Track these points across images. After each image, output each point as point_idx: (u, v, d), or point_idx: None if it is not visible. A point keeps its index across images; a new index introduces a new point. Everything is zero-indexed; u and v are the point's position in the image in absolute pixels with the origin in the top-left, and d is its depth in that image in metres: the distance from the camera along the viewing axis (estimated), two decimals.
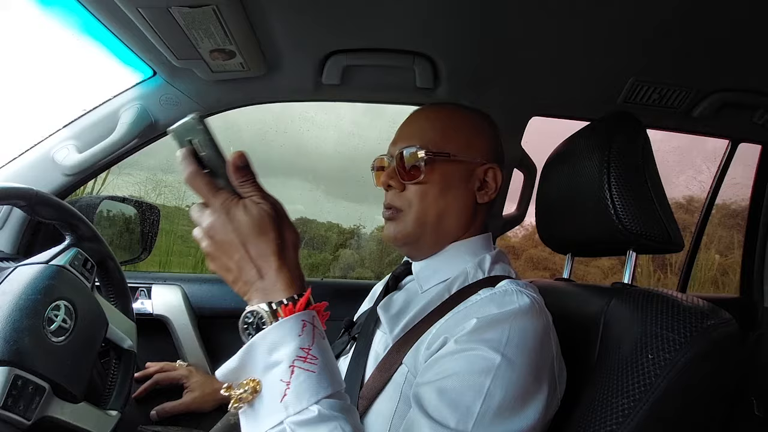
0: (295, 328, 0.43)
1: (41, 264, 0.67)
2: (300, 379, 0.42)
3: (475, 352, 0.51)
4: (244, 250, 0.45)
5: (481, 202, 0.70)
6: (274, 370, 0.42)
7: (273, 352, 0.43)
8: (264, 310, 0.44)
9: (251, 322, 0.45)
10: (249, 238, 0.45)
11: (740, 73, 0.98)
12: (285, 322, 0.43)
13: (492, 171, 0.69)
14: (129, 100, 1.00)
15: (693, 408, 0.54)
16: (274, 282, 0.45)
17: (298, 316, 0.44)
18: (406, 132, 0.71)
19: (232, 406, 0.43)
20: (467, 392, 0.48)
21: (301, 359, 0.42)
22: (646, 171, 0.67)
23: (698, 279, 2.86)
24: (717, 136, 1.31)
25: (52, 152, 0.97)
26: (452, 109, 0.73)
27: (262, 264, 0.45)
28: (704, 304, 0.56)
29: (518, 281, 0.61)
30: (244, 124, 2.12)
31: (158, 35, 0.77)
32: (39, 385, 0.57)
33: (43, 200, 0.70)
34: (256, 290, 0.46)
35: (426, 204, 0.67)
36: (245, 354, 0.43)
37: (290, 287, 0.45)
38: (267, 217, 0.46)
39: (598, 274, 3.16)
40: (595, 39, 0.88)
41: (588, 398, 0.57)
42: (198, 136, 0.47)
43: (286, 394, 0.41)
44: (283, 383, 0.42)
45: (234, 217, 0.45)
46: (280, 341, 0.43)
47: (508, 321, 0.53)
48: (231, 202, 0.46)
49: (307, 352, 0.43)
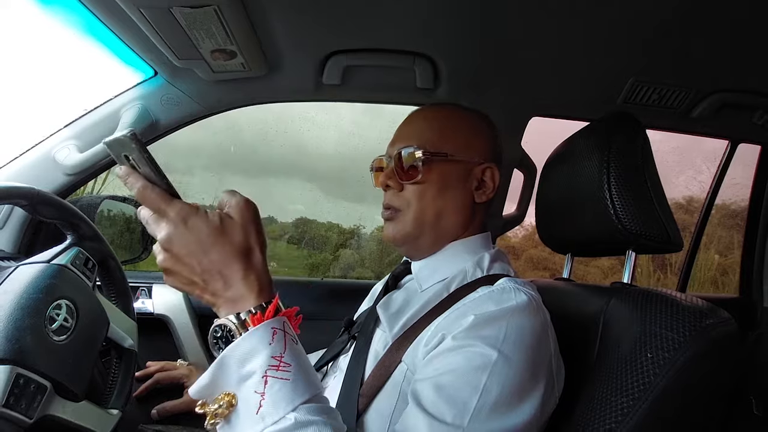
0: (265, 336, 0.42)
1: (43, 263, 0.67)
2: (275, 388, 0.41)
3: (472, 349, 0.51)
4: (207, 260, 0.43)
5: (479, 201, 0.70)
6: (248, 382, 0.42)
7: (245, 364, 0.42)
8: (232, 321, 0.43)
9: (220, 336, 0.44)
10: (210, 247, 0.43)
11: (740, 74, 0.98)
12: (254, 332, 0.42)
13: (490, 170, 0.70)
14: (130, 99, 1.00)
15: (692, 407, 0.54)
16: (241, 290, 0.44)
17: (268, 324, 0.43)
18: (404, 132, 0.72)
19: (208, 423, 0.42)
20: (464, 388, 0.49)
21: (274, 368, 0.42)
22: (645, 171, 0.67)
23: (698, 279, 2.86)
24: (716, 137, 1.31)
25: (54, 152, 0.98)
26: (451, 109, 0.74)
27: (226, 272, 0.44)
28: (703, 304, 0.56)
29: (516, 279, 0.62)
30: (245, 123, 2.12)
31: (159, 35, 0.77)
32: (40, 383, 0.57)
33: (44, 199, 0.70)
34: (224, 301, 0.44)
35: (424, 204, 0.68)
36: (217, 369, 0.42)
37: (258, 295, 0.44)
38: (228, 221, 0.44)
39: (597, 274, 3.17)
40: (595, 39, 0.88)
41: (587, 397, 0.58)
42: (133, 154, 0.45)
43: (261, 405, 0.41)
44: (257, 395, 0.41)
45: (193, 226, 0.43)
46: (251, 352, 0.42)
47: (505, 318, 0.53)
48: (188, 209, 0.44)
49: (280, 360, 0.42)
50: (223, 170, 2.72)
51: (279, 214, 3.15)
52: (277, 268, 2.96)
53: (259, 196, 3.16)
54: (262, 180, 2.99)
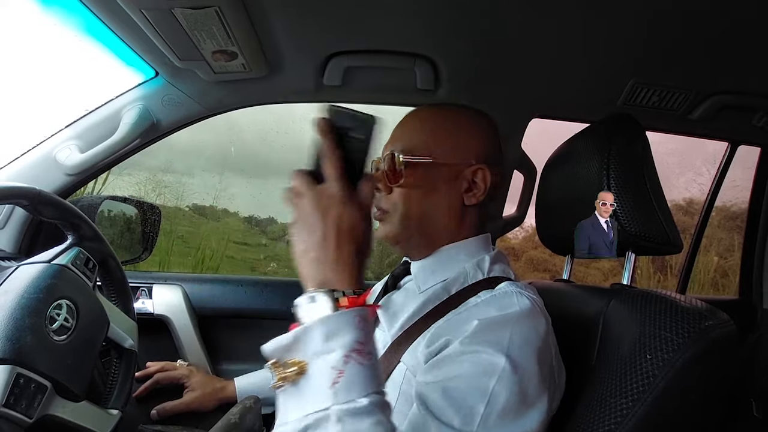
0: (354, 320, 0.43)
1: (43, 263, 0.67)
2: (353, 370, 0.41)
3: (479, 355, 0.51)
4: (340, 233, 0.46)
5: (468, 204, 0.69)
6: (328, 356, 0.42)
7: (329, 340, 0.42)
8: (326, 296, 0.44)
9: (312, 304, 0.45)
10: (344, 232, 0.46)
11: (740, 76, 0.98)
12: (346, 312, 0.43)
13: (481, 172, 0.68)
14: (131, 100, 1.00)
15: (691, 408, 0.54)
16: (343, 272, 0.46)
17: (358, 311, 0.44)
18: (395, 134, 0.72)
19: (275, 383, 0.42)
20: (472, 393, 0.49)
21: (356, 352, 0.42)
22: (645, 173, 0.67)
23: (698, 281, 2.86)
24: (716, 139, 1.32)
25: (55, 152, 0.98)
26: (446, 109, 0.73)
27: (340, 257, 0.46)
28: (702, 305, 0.56)
29: (517, 282, 0.62)
30: (246, 125, 2.13)
31: (161, 36, 0.78)
32: (41, 383, 0.58)
33: (45, 200, 0.70)
34: (322, 271, 0.46)
35: (408, 206, 0.68)
36: (301, 335, 0.43)
37: (355, 283, 0.46)
38: (366, 227, 0.48)
39: (598, 275, 3.17)
40: (596, 41, 0.88)
41: (587, 398, 0.58)
42: (361, 134, 0.48)
43: (337, 381, 0.41)
44: (335, 371, 0.41)
45: (347, 210, 0.47)
46: (338, 330, 0.43)
47: (509, 324, 0.53)
48: (354, 198, 0.47)
49: (362, 346, 0.43)
50: (223, 171, 2.73)
51: (280, 215, 3.15)
52: (278, 268, 2.96)
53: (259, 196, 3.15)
54: (262, 180, 3.00)
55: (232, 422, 0.82)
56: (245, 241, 3.08)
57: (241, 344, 1.21)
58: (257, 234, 3.16)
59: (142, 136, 1.02)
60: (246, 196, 2.89)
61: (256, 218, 3.17)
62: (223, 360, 1.20)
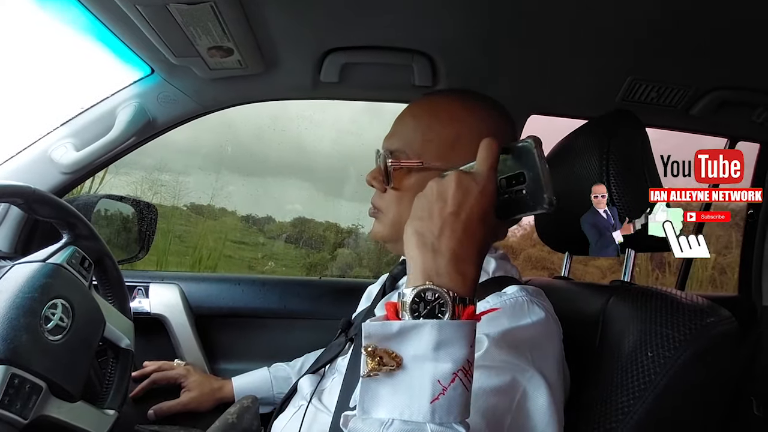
0: (470, 335, 0.38)
1: (38, 262, 0.67)
2: (457, 391, 0.37)
3: (501, 369, 0.49)
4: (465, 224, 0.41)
5: None
6: (434, 366, 0.37)
7: (439, 349, 0.37)
8: (447, 297, 0.38)
9: (430, 299, 0.38)
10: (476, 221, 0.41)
11: (739, 71, 0.98)
12: (464, 324, 0.38)
13: None
14: (127, 98, 0.99)
15: (693, 405, 0.54)
16: (463, 278, 0.40)
17: (474, 325, 0.39)
18: (393, 130, 0.70)
19: (370, 371, 0.37)
20: (498, 405, 0.47)
21: (464, 372, 0.37)
22: (645, 169, 0.67)
23: (696, 278, 2.86)
24: (715, 135, 1.31)
25: (50, 150, 0.97)
26: (444, 101, 0.69)
27: (465, 249, 0.40)
28: (703, 302, 0.56)
29: (527, 288, 0.59)
30: (242, 122, 2.12)
31: (156, 33, 0.77)
32: (36, 383, 0.57)
33: (40, 198, 0.69)
34: (440, 263, 0.40)
35: (400, 210, 0.65)
36: (409, 331, 0.37)
37: (471, 288, 0.40)
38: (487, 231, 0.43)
39: (596, 273, 3.17)
40: (594, 37, 0.87)
41: (588, 397, 0.57)
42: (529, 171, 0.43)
43: (438, 398, 0.36)
44: (439, 386, 0.36)
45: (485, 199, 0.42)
46: (452, 341, 0.37)
47: (527, 335, 0.52)
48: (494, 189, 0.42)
49: (470, 366, 0.38)
50: (220, 169, 2.72)
51: (276, 214, 3.14)
52: (275, 267, 2.95)
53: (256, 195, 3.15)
54: (259, 179, 2.99)
55: (229, 422, 0.82)
56: (243, 239, 3.07)
57: (238, 343, 1.21)
58: (255, 233, 3.16)
59: (138, 134, 1.01)
60: (243, 194, 2.88)
61: (253, 217, 3.16)
62: (221, 359, 1.19)
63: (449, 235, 0.40)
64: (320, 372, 0.76)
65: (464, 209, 0.41)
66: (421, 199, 0.44)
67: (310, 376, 0.77)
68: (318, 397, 0.70)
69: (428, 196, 0.43)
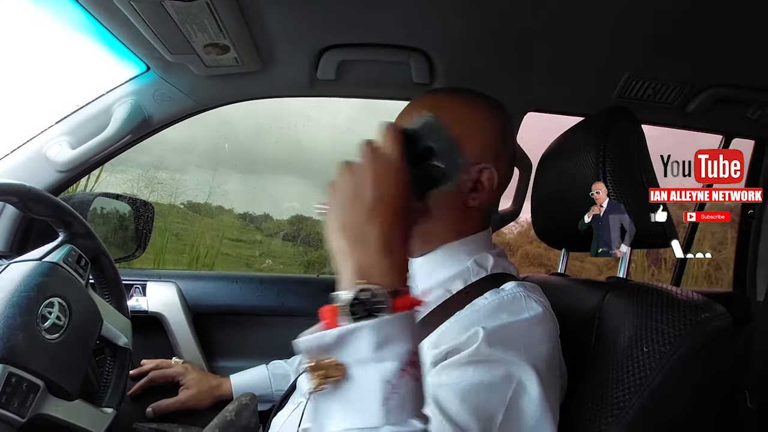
0: (410, 326, 0.38)
1: (34, 261, 0.67)
2: (408, 386, 0.36)
3: (496, 363, 0.49)
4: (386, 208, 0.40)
5: (471, 206, 0.63)
6: (380, 366, 0.36)
7: (382, 348, 0.36)
8: (383, 294, 0.37)
9: (366, 299, 0.37)
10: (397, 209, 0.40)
11: (734, 69, 0.99)
12: (402, 317, 0.37)
13: (487, 172, 0.63)
14: (122, 95, 0.99)
15: (688, 400, 0.55)
16: (393, 268, 0.39)
17: (413, 315, 0.38)
18: (402, 120, 0.68)
19: (316, 387, 0.37)
20: (490, 400, 0.47)
21: (411, 365, 0.37)
22: (641, 165, 0.67)
23: (692, 274, 2.88)
24: (711, 132, 1.32)
25: (45, 148, 0.96)
26: (448, 99, 0.69)
27: (392, 238, 0.39)
28: (698, 298, 0.56)
29: (525, 284, 0.59)
30: (239, 119, 2.11)
31: (152, 30, 0.76)
32: (33, 382, 0.57)
33: (36, 197, 0.69)
34: (367, 255, 0.39)
35: None
36: (346, 337, 0.37)
37: (403, 276, 0.40)
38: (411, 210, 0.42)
39: (593, 270, 3.18)
40: (591, 35, 0.88)
41: (583, 392, 0.58)
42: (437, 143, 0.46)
43: (390, 398, 0.35)
44: (388, 385, 0.36)
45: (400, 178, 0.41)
46: (393, 338, 0.37)
47: (522, 330, 0.52)
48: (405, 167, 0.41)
49: (416, 357, 0.38)
50: (217, 167, 2.71)
51: (274, 211, 3.14)
52: (273, 265, 2.95)
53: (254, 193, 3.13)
54: (256, 177, 2.98)
55: (228, 420, 0.82)
56: (240, 237, 3.07)
57: (236, 341, 1.21)
58: (252, 230, 3.15)
59: (134, 132, 1.01)
60: (240, 192, 2.88)
61: (251, 215, 3.16)
62: (219, 357, 1.19)
63: (375, 223, 0.39)
64: None
65: (385, 194, 0.40)
66: (337, 189, 0.42)
67: None
68: None
69: (345, 185, 0.41)
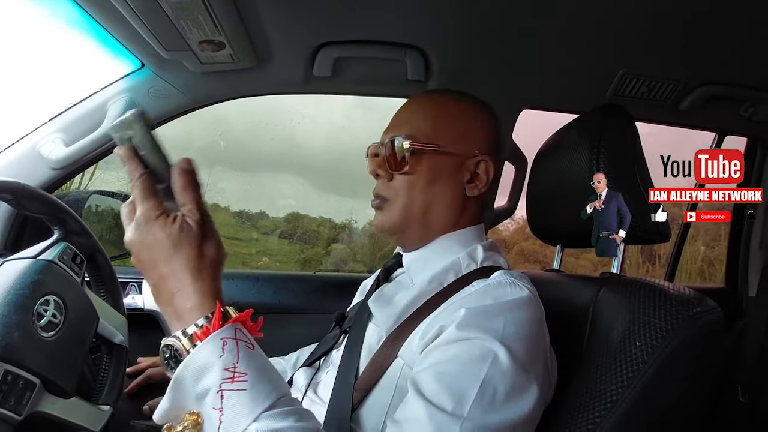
0: (215, 349, 0.41)
1: (29, 259, 0.66)
2: (232, 401, 0.40)
3: (473, 341, 0.51)
4: (157, 271, 0.44)
5: (470, 195, 0.68)
6: (206, 399, 0.41)
7: (199, 381, 0.41)
8: (179, 339, 0.43)
9: (169, 356, 0.43)
10: (161, 257, 0.44)
11: (727, 67, 0.99)
12: (203, 346, 0.42)
13: (484, 164, 0.67)
14: (117, 92, 0.98)
15: (680, 393, 0.55)
16: (187, 301, 0.44)
17: (216, 335, 0.42)
18: (398, 120, 0.71)
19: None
20: (465, 378, 0.49)
21: (228, 380, 0.41)
22: (634, 162, 0.68)
23: (686, 270, 2.91)
24: (704, 129, 1.33)
25: (39, 146, 0.96)
26: (447, 97, 0.72)
27: (176, 282, 0.44)
28: (690, 292, 0.57)
29: (511, 272, 0.62)
30: (234, 117, 2.10)
31: (146, 26, 0.76)
32: (29, 380, 0.57)
33: (30, 194, 0.69)
34: (172, 311, 0.44)
35: (412, 195, 0.66)
36: (175, 389, 0.42)
37: (202, 306, 0.44)
38: (184, 234, 0.44)
39: (588, 266, 3.21)
40: (585, 32, 0.88)
41: (577, 386, 0.58)
42: (136, 136, 0.46)
43: (222, 421, 0.40)
44: (216, 411, 0.40)
45: (150, 232, 0.44)
46: (203, 368, 0.41)
47: (504, 312, 0.53)
48: (152, 212, 0.44)
49: (233, 371, 0.41)
50: (213, 165, 2.70)
51: (270, 209, 3.13)
52: (270, 263, 2.95)
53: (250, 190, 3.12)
54: (252, 174, 2.97)
55: None
56: (236, 236, 3.06)
57: None
58: (248, 228, 3.14)
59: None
60: (236, 190, 2.87)
61: (247, 213, 3.15)
62: None
63: (155, 276, 0.45)
64: (315, 365, 0.76)
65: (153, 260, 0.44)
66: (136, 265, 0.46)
67: (305, 369, 0.77)
68: (313, 390, 0.70)
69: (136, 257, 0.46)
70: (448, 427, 0.46)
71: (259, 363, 0.44)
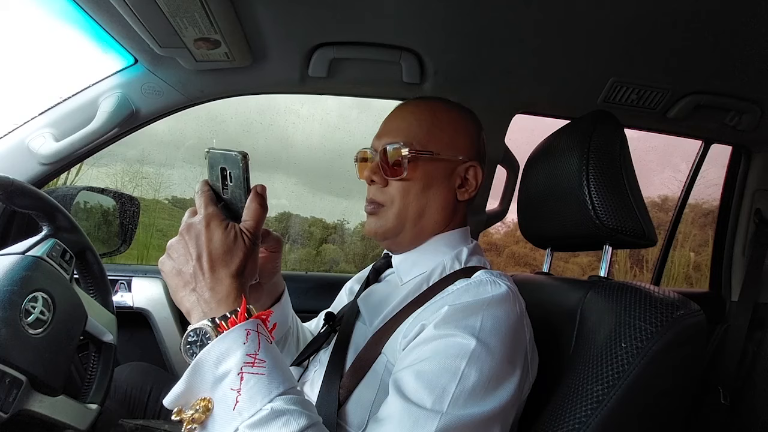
0: (239, 337, 0.45)
1: (17, 255, 0.65)
2: (250, 383, 0.43)
3: (451, 338, 0.52)
4: (206, 261, 0.48)
5: (461, 199, 0.71)
6: (224, 381, 0.44)
7: (220, 365, 0.44)
8: (207, 325, 0.46)
9: (194, 340, 0.46)
10: (216, 255, 0.48)
11: (714, 77, 1.02)
12: (229, 333, 0.45)
13: (473, 169, 0.70)
14: (109, 87, 0.97)
15: (663, 393, 0.57)
16: (220, 299, 0.47)
17: (241, 326, 0.46)
18: (391, 126, 0.72)
19: (185, 429, 0.43)
20: (443, 374, 0.50)
21: (249, 365, 0.44)
22: (623, 168, 0.69)
23: (672, 275, 2.96)
24: (691, 137, 1.36)
25: (28, 140, 0.94)
26: (437, 105, 0.73)
27: (216, 281, 0.48)
28: (674, 296, 0.59)
29: (492, 271, 0.63)
30: (228, 115, 2.09)
31: (141, 22, 0.76)
32: (16, 377, 0.56)
33: (20, 189, 0.68)
34: (200, 301, 0.48)
35: (408, 201, 0.68)
36: (192, 373, 0.44)
37: (233, 302, 0.48)
38: (241, 246, 0.49)
39: (576, 270, 3.24)
40: (577, 40, 0.90)
41: (564, 386, 0.60)
42: (235, 171, 0.52)
43: (238, 401, 0.42)
44: (233, 392, 0.43)
45: (211, 230, 0.49)
46: (226, 352, 0.44)
47: (482, 308, 0.55)
48: (216, 216, 0.50)
49: (255, 357, 0.44)
50: (205, 163, 2.67)
51: None
52: None
53: None
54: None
55: None
56: None
57: None
58: None
59: (121, 126, 0.99)
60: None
61: None
62: None
63: (197, 273, 0.48)
64: (303, 364, 0.76)
65: (199, 245, 0.49)
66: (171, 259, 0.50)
67: (294, 368, 0.77)
68: (301, 388, 0.70)
69: (175, 252, 0.50)
70: (425, 422, 0.48)
71: (276, 355, 0.47)
